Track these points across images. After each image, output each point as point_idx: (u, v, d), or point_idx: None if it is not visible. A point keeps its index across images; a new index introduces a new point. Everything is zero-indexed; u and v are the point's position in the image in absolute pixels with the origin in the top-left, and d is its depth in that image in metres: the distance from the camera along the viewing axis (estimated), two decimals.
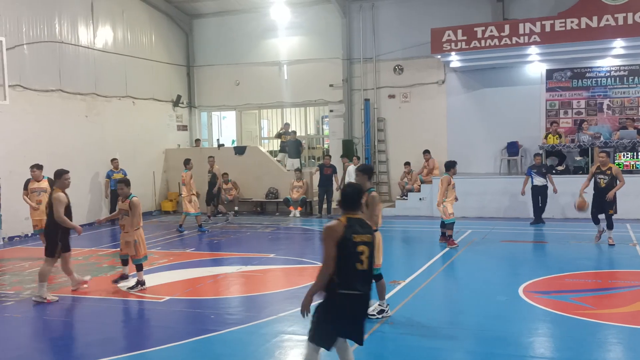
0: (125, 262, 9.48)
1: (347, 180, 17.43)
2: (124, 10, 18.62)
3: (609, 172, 11.57)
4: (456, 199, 12.23)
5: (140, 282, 9.11)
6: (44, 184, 11.93)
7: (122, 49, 18.50)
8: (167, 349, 6.39)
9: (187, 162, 15.40)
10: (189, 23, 21.54)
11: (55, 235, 8.83)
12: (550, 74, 17.68)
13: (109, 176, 17.13)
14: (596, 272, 9.76)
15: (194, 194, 15.29)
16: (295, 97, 20.63)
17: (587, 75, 17.37)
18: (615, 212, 11.72)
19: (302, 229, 15.88)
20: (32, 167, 12.07)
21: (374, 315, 7.13)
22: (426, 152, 17.83)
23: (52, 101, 15.88)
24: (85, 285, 9.30)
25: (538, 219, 14.92)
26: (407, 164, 18.13)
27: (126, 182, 9.39)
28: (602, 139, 16.28)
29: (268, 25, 20.41)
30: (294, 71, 20.52)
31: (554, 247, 12.05)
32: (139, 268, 9.16)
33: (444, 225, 12.07)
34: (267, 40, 20.76)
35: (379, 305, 7.28)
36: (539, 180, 14.86)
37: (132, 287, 9.12)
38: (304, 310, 4.75)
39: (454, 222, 12.01)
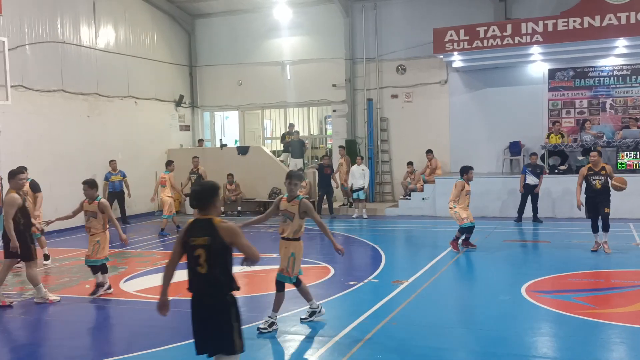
0: (94, 270, 8.95)
1: (350, 181, 17.44)
2: (126, 10, 18.65)
3: (603, 172, 10.91)
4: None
5: (101, 285, 8.83)
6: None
7: (125, 49, 18.52)
8: (169, 350, 6.39)
9: (169, 164, 15.43)
10: (191, 23, 21.55)
11: (26, 238, 8.41)
12: (552, 73, 17.65)
13: (107, 178, 16.97)
14: (599, 271, 9.73)
15: (170, 196, 15.05)
16: (298, 97, 20.63)
17: (590, 74, 17.34)
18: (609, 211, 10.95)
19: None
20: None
21: (306, 318, 7.07)
22: (429, 151, 17.82)
23: (55, 101, 15.91)
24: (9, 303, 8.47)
25: (520, 218, 15.10)
26: (410, 163, 18.12)
27: (90, 184, 9.01)
28: (604, 138, 16.25)
29: (271, 25, 20.42)
30: (296, 71, 20.53)
31: (557, 246, 12.02)
32: (104, 270, 8.90)
33: (462, 230, 11.46)
34: (269, 40, 20.77)
35: (310, 307, 7.22)
36: (531, 180, 14.90)
37: (93, 293, 8.79)
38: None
39: (471, 226, 11.42)
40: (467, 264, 10.74)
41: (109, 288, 8.96)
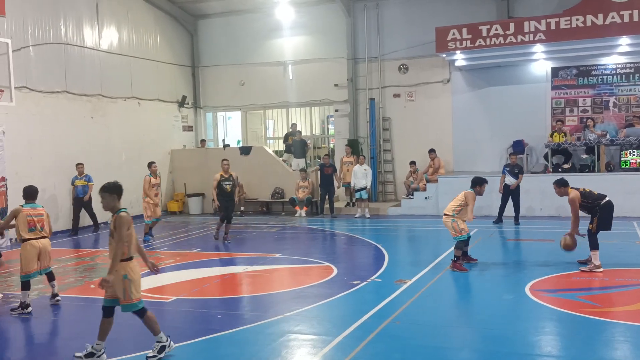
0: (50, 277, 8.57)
1: (352, 181, 17.43)
2: (129, 11, 18.68)
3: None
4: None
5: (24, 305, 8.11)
6: None
7: (127, 50, 18.55)
8: (174, 349, 6.40)
9: (150, 165, 14.27)
10: (193, 24, 21.58)
11: None
12: (555, 71, 17.63)
13: (72, 182, 15.84)
14: (603, 270, 9.71)
15: (150, 201, 13.90)
16: (300, 97, 20.64)
17: (593, 73, 17.32)
18: (596, 231, 9.65)
19: (307, 229, 15.88)
20: None
21: (154, 356, 6.08)
22: (432, 151, 17.82)
23: (58, 102, 15.95)
24: None
25: (500, 219, 14.97)
26: (413, 163, 18.12)
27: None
28: (608, 136, 16.24)
29: (273, 25, 20.43)
30: (299, 71, 20.54)
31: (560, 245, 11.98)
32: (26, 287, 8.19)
33: (458, 244, 10.03)
34: (271, 40, 20.79)
35: (157, 342, 6.19)
36: (509, 180, 14.89)
37: (14, 309, 8.14)
38: None
39: (468, 238, 10.16)
40: (470, 263, 10.72)
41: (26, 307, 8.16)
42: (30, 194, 8.47)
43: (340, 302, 8.24)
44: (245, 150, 19.56)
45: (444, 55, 17.38)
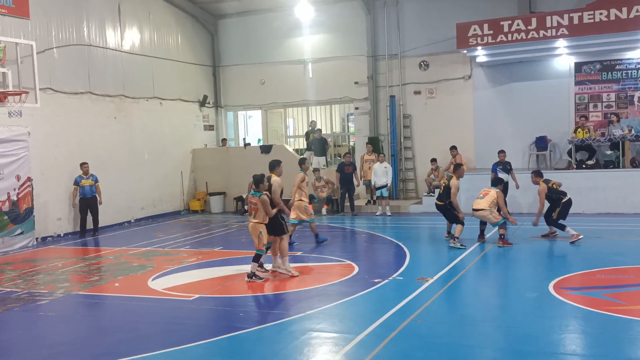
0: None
1: (373, 179, 17.38)
2: (150, 12, 18.86)
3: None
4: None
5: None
6: None
7: (149, 51, 18.74)
8: (197, 347, 6.47)
9: (302, 162, 13.23)
10: (214, 23, 21.71)
11: None
12: (578, 67, 17.39)
13: (77, 182, 15.35)
14: (628, 267, 9.57)
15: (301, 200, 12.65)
16: (320, 95, 20.65)
17: (617, 67, 17.05)
18: (557, 218, 11.95)
19: (328, 227, 15.89)
20: None
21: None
22: (453, 148, 17.66)
23: (82, 103, 16.17)
24: None
25: None
26: (434, 160, 18.03)
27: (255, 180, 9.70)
28: (633, 132, 15.98)
29: (292, 23, 20.47)
30: (318, 69, 20.55)
31: (585, 242, 11.85)
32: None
33: (501, 225, 11.80)
34: (291, 38, 20.83)
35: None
36: (503, 176, 14.84)
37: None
38: None
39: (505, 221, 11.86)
40: (493, 261, 10.65)
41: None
42: (254, 181, 9.60)
43: (361, 300, 8.24)
44: (265, 149, 19.62)
45: (465, 52, 17.25)
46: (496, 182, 12.61)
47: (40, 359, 6.47)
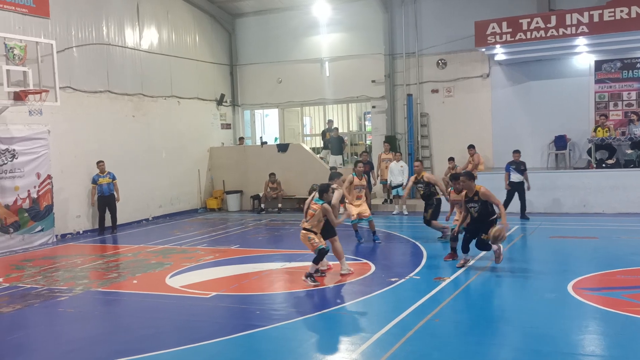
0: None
1: (389, 178, 17.34)
2: (169, 12, 18.98)
3: (476, 197, 9.52)
4: None
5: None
6: None
7: (167, 50, 18.86)
8: (214, 344, 6.50)
9: (356, 164, 13.25)
10: (231, 22, 21.79)
11: None
12: (599, 65, 17.18)
13: (94, 181, 15.34)
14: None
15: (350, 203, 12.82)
16: (337, 93, 20.65)
17: (638, 65, 16.81)
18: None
19: (344, 226, 15.85)
20: None
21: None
22: (471, 147, 17.54)
23: (101, 102, 16.33)
24: None
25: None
26: (451, 159, 17.87)
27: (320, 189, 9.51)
28: None
29: (309, 22, 20.48)
30: (335, 68, 20.54)
31: (605, 242, 11.72)
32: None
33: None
34: (308, 37, 20.84)
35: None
36: (515, 177, 14.82)
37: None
38: None
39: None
40: (511, 260, 10.56)
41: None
42: (319, 190, 9.47)
43: (378, 299, 8.23)
44: (282, 148, 19.67)
45: (484, 50, 17.12)
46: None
47: (59, 355, 6.55)
